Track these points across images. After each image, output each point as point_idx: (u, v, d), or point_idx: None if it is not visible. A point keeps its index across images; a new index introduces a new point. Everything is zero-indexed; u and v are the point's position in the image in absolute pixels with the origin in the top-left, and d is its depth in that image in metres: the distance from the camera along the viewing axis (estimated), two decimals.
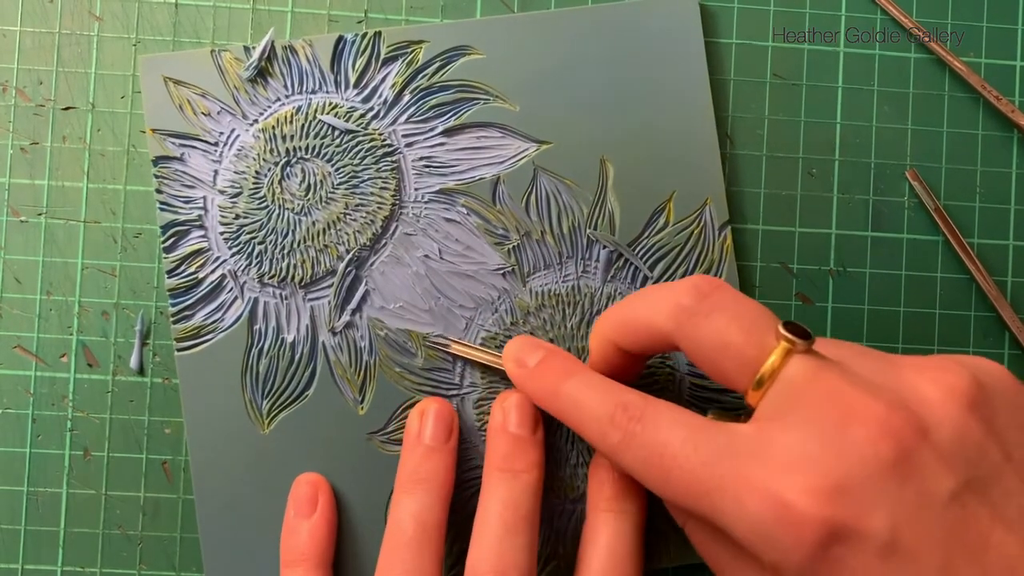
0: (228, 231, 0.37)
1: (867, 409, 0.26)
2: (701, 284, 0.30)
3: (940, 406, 0.26)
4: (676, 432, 0.28)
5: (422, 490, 0.34)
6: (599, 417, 0.30)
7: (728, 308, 0.29)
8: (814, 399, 0.27)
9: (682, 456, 0.27)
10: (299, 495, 0.36)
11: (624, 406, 0.30)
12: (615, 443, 0.29)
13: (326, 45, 0.38)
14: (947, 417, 0.26)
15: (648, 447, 0.28)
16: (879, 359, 0.28)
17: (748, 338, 0.28)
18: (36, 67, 0.38)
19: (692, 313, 0.29)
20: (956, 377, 0.26)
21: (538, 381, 0.33)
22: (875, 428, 0.25)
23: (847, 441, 0.25)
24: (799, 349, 0.27)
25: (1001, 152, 0.40)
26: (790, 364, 0.27)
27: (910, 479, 0.25)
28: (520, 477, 0.34)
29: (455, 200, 0.38)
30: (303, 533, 0.36)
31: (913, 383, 0.27)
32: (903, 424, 0.25)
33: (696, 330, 0.29)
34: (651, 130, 0.38)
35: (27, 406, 0.38)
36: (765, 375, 0.27)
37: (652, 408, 0.29)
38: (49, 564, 0.37)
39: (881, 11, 0.40)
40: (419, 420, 0.36)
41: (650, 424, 0.29)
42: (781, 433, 0.26)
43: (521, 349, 0.34)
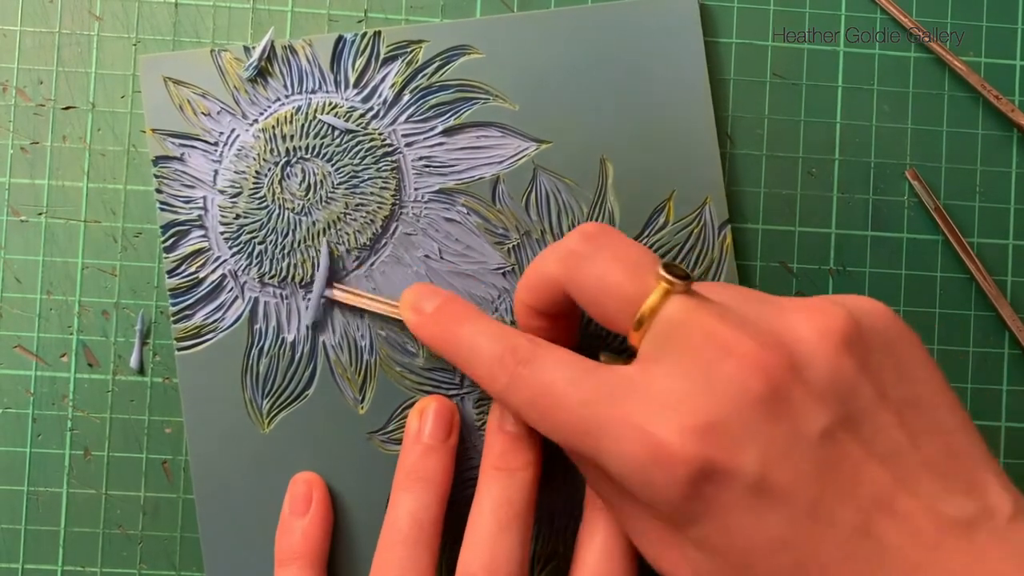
0: (228, 231, 0.37)
1: (739, 346, 0.26)
2: (587, 228, 0.31)
3: (813, 344, 0.26)
4: (561, 373, 0.29)
5: (420, 488, 0.34)
6: (489, 359, 0.30)
7: (611, 249, 0.30)
8: (690, 338, 0.27)
9: (565, 396, 0.28)
10: (294, 494, 0.36)
11: (513, 349, 0.30)
12: (503, 385, 0.30)
13: (326, 45, 0.38)
14: (820, 355, 0.26)
15: (534, 388, 0.29)
16: (761, 301, 0.28)
17: (629, 278, 0.29)
18: (36, 67, 0.38)
19: (577, 255, 0.30)
20: (831, 317, 0.26)
21: (434, 327, 0.33)
22: (746, 365, 0.25)
23: (719, 378, 0.26)
24: (677, 289, 0.28)
25: (1001, 152, 0.40)
26: (668, 304, 0.28)
27: (781, 416, 0.25)
28: (515, 475, 0.34)
29: (455, 200, 0.38)
30: (297, 532, 0.36)
31: (789, 323, 0.27)
32: (774, 361, 0.25)
33: (580, 273, 0.30)
34: (651, 129, 0.38)
35: (27, 406, 0.38)
36: (644, 314, 0.28)
37: (540, 350, 0.30)
38: (49, 564, 0.37)
39: (881, 11, 0.40)
40: (419, 418, 0.36)
41: (537, 365, 0.29)
42: (658, 372, 0.27)
43: (418, 296, 0.35)
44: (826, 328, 0.26)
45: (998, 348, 0.39)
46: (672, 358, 0.27)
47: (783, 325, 0.27)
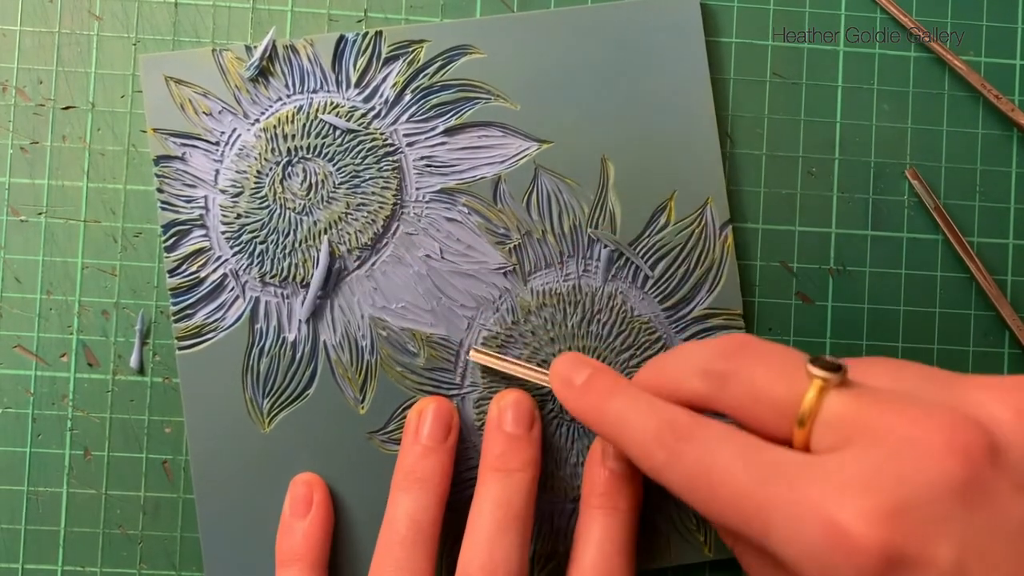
0: (229, 230, 0.37)
1: (931, 424, 0.24)
2: (726, 345, 0.29)
3: (1013, 427, 0.24)
4: (725, 449, 0.26)
5: (418, 489, 0.34)
6: (645, 435, 0.28)
7: (754, 360, 0.28)
8: (865, 428, 0.25)
9: (730, 474, 0.26)
10: (295, 495, 0.36)
11: (671, 424, 0.28)
12: (661, 462, 0.28)
13: (327, 44, 0.37)
14: (1020, 439, 0.24)
15: (695, 465, 0.27)
16: (935, 378, 0.27)
17: (778, 382, 0.27)
18: (36, 67, 0.38)
19: (721, 375, 0.28)
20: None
21: (584, 400, 0.31)
22: (940, 445, 0.23)
23: (909, 461, 0.23)
24: (833, 383, 0.26)
25: (1001, 151, 0.40)
26: (829, 400, 0.26)
27: (980, 503, 0.23)
28: (513, 476, 0.34)
29: (456, 199, 0.38)
30: (298, 533, 0.36)
31: (977, 401, 0.25)
32: (972, 441, 0.23)
33: (728, 391, 0.28)
34: (652, 129, 0.38)
35: (27, 405, 0.38)
36: (804, 416, 0.26)
37: (701, 426, 0.28)
38: (49, 564, 0.37)
39: (881, 10, 0.40)
40: (417, 419, 0.36)
41: (698, 442, 0.27)
42: (837, 459, 0.25)
43: (568, 367, 0.33)
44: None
45: (998, 348, 0.39)
46: (851, 447, 0.25)
47: (972, 403, 0.25)
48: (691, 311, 0.38)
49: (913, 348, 0.39)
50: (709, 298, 0.38)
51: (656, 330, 0.38)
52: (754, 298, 0.39)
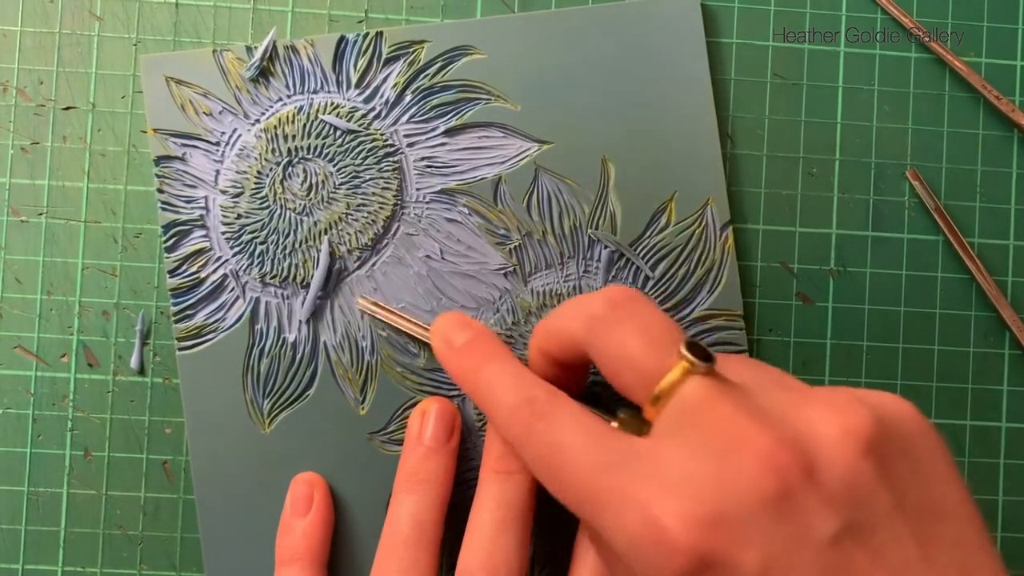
0: (230, 231, 0.37)
1: (755, 440, 0.25)
2: (614, 294, 0.30)
3: (833, 446, 0.25)
4: (575, 435, 0.28)
5: (421, 490, 0.34)
6: (507, 406, 0.30)
7: (635, 319, 0.29)
8: (706, 423, 0.26)
9: (575, 460, 0.27)
10: (295, 494, 0.37)
11: (531, 400, 0.29)
12: (515, 435, 0.29)
13: (328, 45, 0.38)
14: (839, 458, 0.25)
15: (546, 445, 0.28)
16: (784, 388, 0.28)
17: (650, 352, 0.28)
18: (36, 67, 0.38)
19: (602, 321, 0.29)
20: (855, 416, 0.25)
21: (460, 361, 0.33)
22: (760, 461, 0.25)
23: (730, 470, 0.25)
24: (698, 370, 0.27)
25: (1001, 152, 0.40)
26: (687, 384, 0.27)
27: (789, 517, 0.24)
28: (513, 478, 0.34)
29: (457, 200, 0.38)
30: (297, 532, 0.36)
31: (811, 418, 0.26)
32: (790, 460, 0.25)
33: (602, 339, 0.29)
34: (653, 130, 0.38)
35: (27, 406, 0.38)
36: (662, 392, 0.27)
37: (557, 406, 0.29)
38: (50, 564, 0.37)
39: (881, 11, 0.40)
40: (420, 420, 0.36)
41: (552, 421, 0.29)
42: (670, 452, 0.26)
43: (449, 326, 0.34)
44: (849, 429, 0.25)
45: (998, 348, 0.39)
46: (686, 439, 0.26)
47: (804, 420, 0.26)
48: (692, 312, 0.38)
49: (913, 348, 0.39)
50: (710, 299, 0.38)
51: None
52: (754, 299, 0.39)
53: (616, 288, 0.31)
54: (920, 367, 0.39)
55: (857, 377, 0.39)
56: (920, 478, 0.26)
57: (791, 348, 0.39)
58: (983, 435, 0.39)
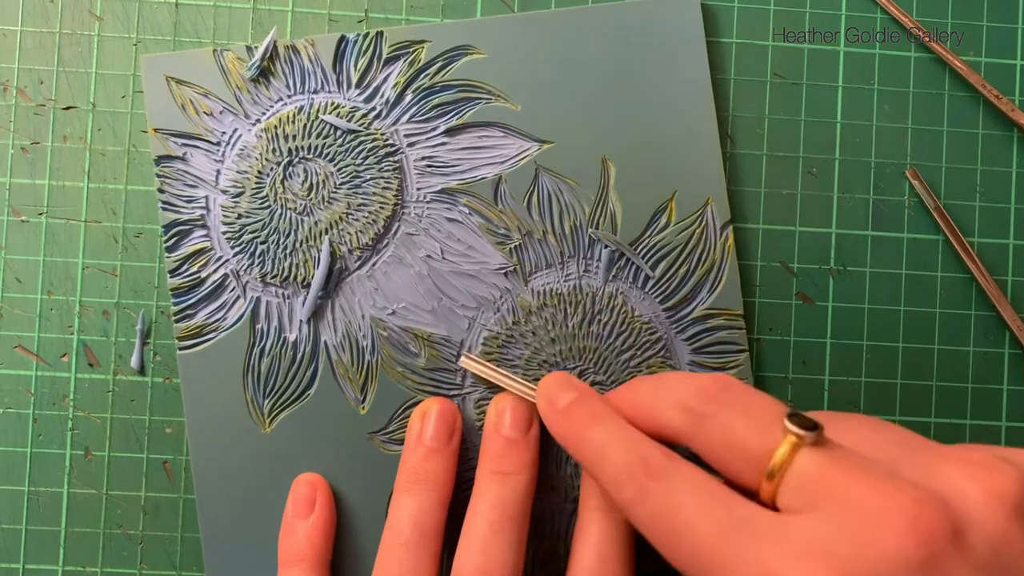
0: (230, 231, 0.37)
1: (894, 502, 0.24)
2: (709, 386, 0.29)
3: (980, 508, 0.24)
4: (693, 496, 0.27)
5: (421, 491, 0.34)
6: (618, 468, 0.29)
7: (734, 406, 0.28)
8: (831, 493, 0.25)
9: (694, 522, 0.26)
10: (297, 495, 0.36)
11: (645, 461, 0.28)
12: (629, 497, 0.28)
13: (328, 45, 0.38)
14: (988, 522, 0.24)
15: (661, 506, 0.27)
16: (909, 446, 0.27)
17: (753, 433, 0.27)
18: (37, 67, 0.38)
19: (699, 416, 0.29)
20: (1002, 478, 0.24)
21: (565, 424, 0.32)
22: (903, 523, 0.23)
23: (870, 535, 0.23)
24: (807, 442, 0.26)
25: (1001, 151, 0.40)
26: (800, 458, 0.26)
27: None
28: (509, 479, 0.34)
29: (457, 200, 0.38)
30: (300, 533, 0.36)
31: (948, 476, 0.25)
32: (936, 522, 0.23)
33: (704, 431, 0.28)
34: (653, 129, 0.38)
35: (28, 406, 0.38)
36: (775, 469, 0.26)
37: (673, 466, 0.28)
38: (50, 564, 0.37)
39: (881, 11, 0.40)
40: (421, 420, 0.36)
41: (668, 483, 0.27)
42: (799, 522, 0.25)
43: (554, 387, 0.33)
44: (996, 490, 0.24)
45: (998, 348, 0.39)
46: (815, 511, 0.25)
47: (940, 478, 0.25)
48: (692, 311, 0.38)
49: (913, 348, 0.39)
50: (710, 298, 0.38)
51: (657, 330, 0.38)
52: (754, 298, 0.39)
53: (709, 378, 0.30)
54: (920, 367, 0.39)
55: (857, 377, 0.39)
56: None
57: (791, 347, 0.39)
58: (983, 435, 0.39)
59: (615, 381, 0.37)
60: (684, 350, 0.38)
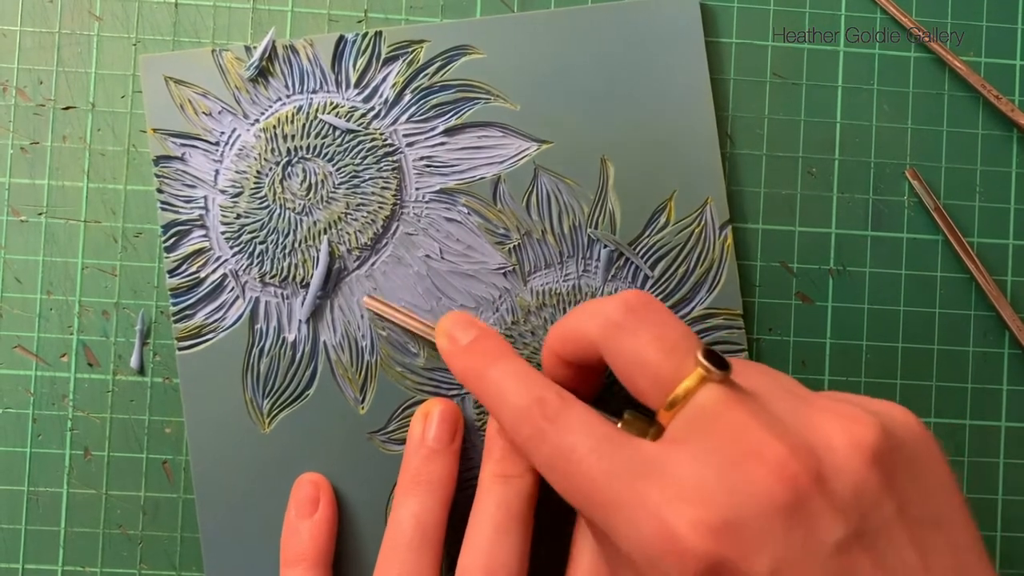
0: (229, 231, 0.37)
1: (768, 449, 0.25)
2: (631, 299, 0.30)
3: (843, 455, 0.26)
4: (585, 438, 0.28)
5: (423, 492, 0.34)
6: (515, 408, 0.30)
7: (652, 326, 0.29)
8: (720, 430, 0.26)
9: (585, 464, 0.27)
10: (300, 495, 0.36)
11: (541, 401, 0.29)
12: (525, 437, 0.29)
13: (327, 45, 0.38)
14: (847, 467, 0.25)
15: (555, 448, 0.28)
16: (795, 396, 0.28)
17: (666, 358, 0.28)
18: (36, 67, 0.38)
19: (618, 326, 0.29)
20: (864, 428, 0.26)
21: (466, 360, 0.33)
22: (773, 469, 0.25)
23: (743, 478, 0.25)
24: (714, 377, 0.27)
25: (1001, 151, 0.40)
26: (703, 391, 0.27)
27: (799, 524, 0.25)
28: (512, 482, 0.34)
29: (456, 200, 0.38)
30: (303, 533, 0.36)
31: (821, 427, 0.26)
32: (801, 469, 0.25)
33: (619, 343, 0.29)
34: (652, 129, 0.38)
35: (27, 406, 0.38)
36: (677, 397, 0.27)
37: (567, 408, 0.29)
38: (50, 564, 0.37)
39: (881, 11, 0.40)
40: (423, 421, 0.36)
41: (562, 425, 0.29)
42: (682, 459, 0.26)
43: (454, 325, 0.34)
44: (858, 439, 0.26)
45: (998, 348, 0.39)
46: (699, 446, 0.26)
47: (814, 429, 0.26)
48: (691, 311, 0.38)
49: (913, 348, 0.39)
50: (709, 298, 0.38)
51: None
52: (754, 298, 0.39)
53: (633, 293, 0.30)
54: (920, 367, 0.39)
55: (857, 377, 0.39)
56: (921, 487, 0.26)
57: (791, 348, 0.39)
58: (983, 435, 0.39)
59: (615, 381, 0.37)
60: None
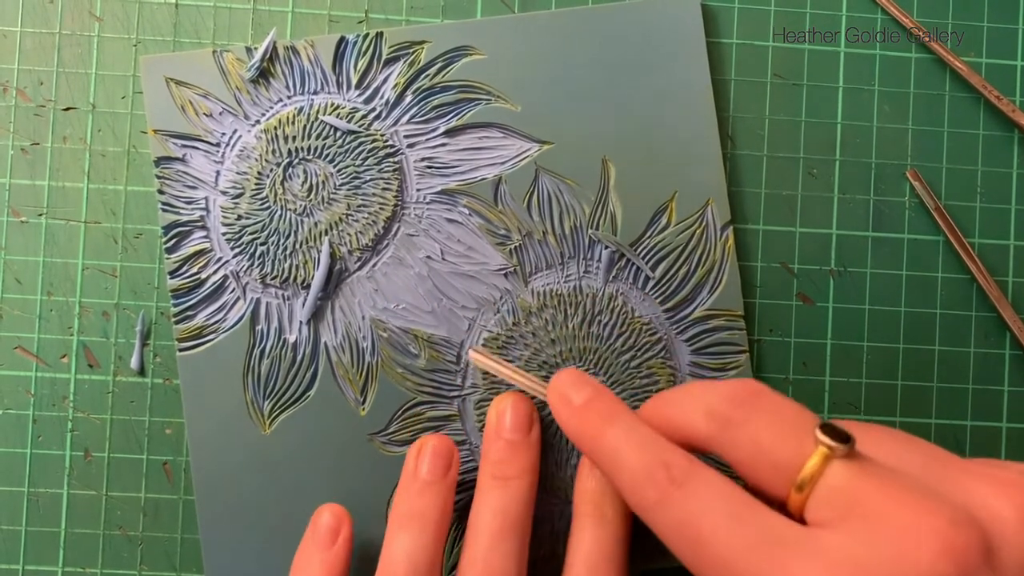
0: (230, 232, 0.37)
1: (928, 520, 0.24)
2: (740, 392, 0.28)
3: (1012, 528, 0.24)
4: (719, 505, 0.26)
5: (417, 528, 0.33)
6: (637, 471, 0.28)
7: (764, 414, 0.28)
8: (863, 508, 0.25)
9: (719, 533, 0.25)
10: (320, 524, 0.35)
11: (667, 465, 0.27)
12: (650, 502, 0.27)
13: (328, 46, 0.37)
14: (1019, 541, 0.24)
15: (685, 514, 0.26)
16: (937, 462, 0.26)
17: (784, 442, 0.26)
18: (36, 67, 0.38)
19: (728, 421, 0.28)
20: None
21: (580, 422, 0.31)
22: (936, 543, 0.23)
23: (903, 553, 0.23)
24: (839, 454, 0.26)
25: (1002, 152, 0.40)
26: (831, 470, 0.25)
27: None
28: (511, 484, 0.33)
29: (457, 201, 0.38)
30: (316, 564, 0.34)
31: (979, 494, 0.25)
32: (968, 543, 0.23)
33: (732, 437, 0.28)
34: (653, 130, 0.38)
35: (28, 407, 0.38)
36: (805, 480, 0.25)
37: (696, 473, 0.27)
38: (50, 565, 0.37)
39: (881, 11, 0.40)
40: (416, 455, 0.35)
41: (691, 490, 0.27)
42: (829, 536, 0.24)
43: (568, 384, 0.32)
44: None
45: (999, 349, 0.39)
46: (845, 524, 0.24)
47: (970, 495, 0.25)
48: (692, 312, 0.38)
49: (913, 349, 0.39)
50: (710, 299, 0.38)
51: (657, 331, 0.38)
52: (755, 299, 0.39)
53: (738, 385, 0.29)
54: (920, 367, 0.39)
55: (858, 378, 0.39)
56: None
57: (791, 348, 0.39)
58: (983, 435, 0.39)
59: (615, 382, 0.37)
60: (684, 351, 0.38)
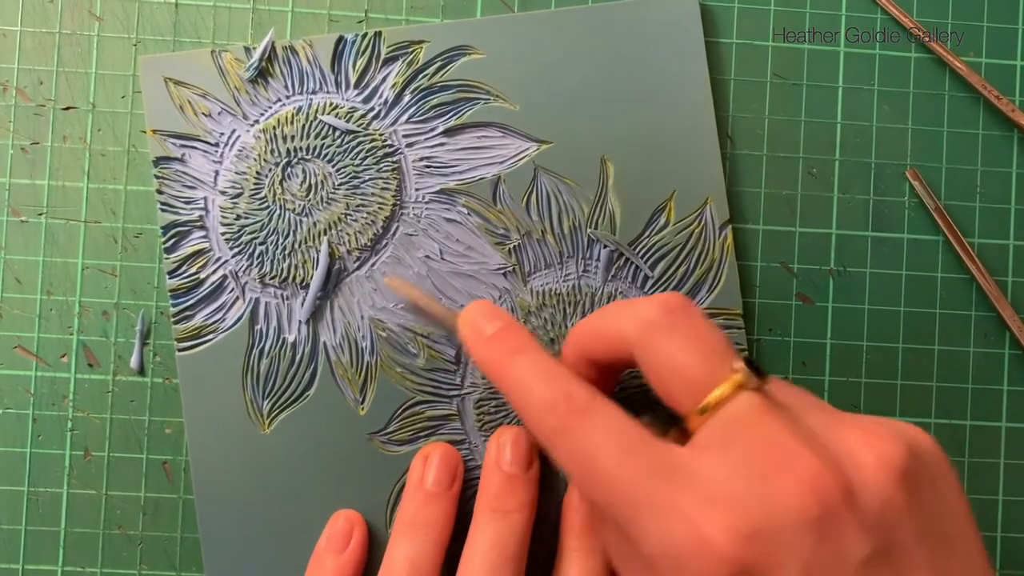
0: (229, 232, 0.37)
1: (802, 462, 0.26)
2: (670, 300, 0.30)
3: (872, 472, 0.26)
4: (615, 435, 0.28)
5: (420, 536, 0.34)
6: (541, 401, 0.29)
7: (690, 329, 0.29)
8: (753, 439, 0.26)
9: (612, 464, 0.27)
10: (335, 529, 0.36)
11: (568, 396, 0.29)
12: (550, 430, 0.29)
13: (327, 45, 0.38)
14: (877, 484, 0.26)
15: (582, 443, 0.28)
16: (826, 413, 0.28)
17: (702, 363, 0.28)
18: (36, 67, 0.38)
19: (655, 326, 0.29)
20: (892, 446, 0.26)
21: (490, 351, 0.32)
22: (805, 482, 0.25)
23: (776, 488, 0.25)
24: (750, 385, 0.27)
25: (1001, 152, 0.40)
26: (738, 398, 0.27)
27: (828, 538, 0.25)
28: (509, 517, 0.33)
29: (456, 200, 0.38)
30: (328, 568, 0.35)
31: (851, 444, 0.26)
32: (833, 484, 0.25)
33: (655, 343, 0.29)
34: (652, 129, 0.38)
35: (27, 406, 0.38)
36: (711, 403, 0.27)
37: (595, 406, 0.29)
38: (50, 564, 0.37)
39: (881, 11, 0.40)
40: (423, 464, 0.36)
41: (590, 421, 0.28)
42: (715, 464, 0.26)
43: (479, 315, 0.33)
44: (886, 458, 0.26)
45: (999, 348, 0.39)
46: (731, 453, 0.26)
47: (844, 446, 0.26)
48: None
49: (913, 349, 0.39)
50: (709, 298, 0.38)
51: None
52: (754, 299, 0.39)
53: (672, 295, 0.30)
54: (920, 367, 0.39)
55: (857, 377, 0.39)
56: (939, 510, 0.27)
57: (791, 348, 0.39)
58: (983, 435, 0.39)
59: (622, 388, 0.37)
60: None
